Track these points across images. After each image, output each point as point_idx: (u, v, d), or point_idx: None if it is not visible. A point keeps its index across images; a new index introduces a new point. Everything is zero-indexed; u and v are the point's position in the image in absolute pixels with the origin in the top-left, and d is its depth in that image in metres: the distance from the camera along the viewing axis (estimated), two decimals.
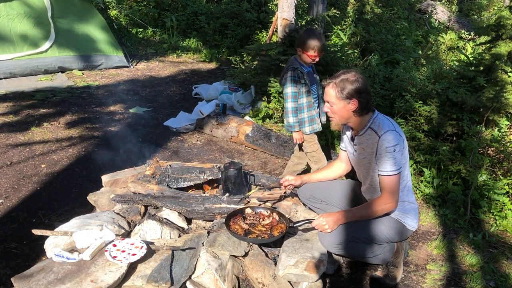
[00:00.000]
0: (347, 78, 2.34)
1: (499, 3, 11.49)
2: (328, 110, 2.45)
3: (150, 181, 2.97)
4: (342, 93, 2.33)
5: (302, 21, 6.00)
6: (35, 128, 4.59)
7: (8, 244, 2.69)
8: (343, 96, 2.34)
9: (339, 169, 2.83)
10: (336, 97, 2.36)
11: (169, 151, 4.29)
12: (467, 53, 7.26)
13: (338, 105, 2.38)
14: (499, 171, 3.62)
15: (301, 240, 2.49)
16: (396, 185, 2.33)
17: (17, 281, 2.02)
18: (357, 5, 8.14)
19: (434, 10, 10.42)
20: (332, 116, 2.46)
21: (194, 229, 2.68)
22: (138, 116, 5.26)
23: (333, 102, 2.39)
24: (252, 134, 4.42)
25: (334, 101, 2.38)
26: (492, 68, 3.96)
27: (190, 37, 9.26)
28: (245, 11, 8.82)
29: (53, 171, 3.70)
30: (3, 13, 5.96)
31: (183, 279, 2.17)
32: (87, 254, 2.15)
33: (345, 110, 2.38)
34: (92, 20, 6.91)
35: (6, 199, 3.22)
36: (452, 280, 2.65)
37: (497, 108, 3.87)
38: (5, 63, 5.97)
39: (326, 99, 2.43)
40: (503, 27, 3.96)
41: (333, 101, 2.38)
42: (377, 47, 7.04)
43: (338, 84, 2.35)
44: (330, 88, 2.38)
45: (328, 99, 2.41)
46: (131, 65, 7.37)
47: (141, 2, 10.08)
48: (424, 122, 4.01)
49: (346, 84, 2.33)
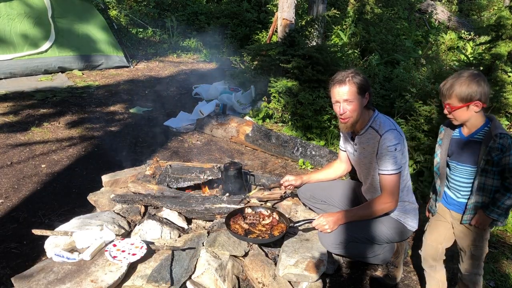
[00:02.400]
0: (357, 73, 2.33)
1: (499, 3, 11.49)
2: (345, 111, 2.32)
3: (150, 181, 2.97)
4: (360, 88, 2.30)
5: (302, 21, 6.00)
6: (35, 128, 4.59)
7: (8, 244, 2.69)
8: (360, 91, 2.30)
9: (339, 169, 2.83)
10: (356, 93, 2.30)
11: (169, 151, 4.29)
12: (467, 53, 7.27)
13: (356, 102, 2.31)
14: None
15: (301, 240, 2.49)
16: (396, 184, 2.33)
17: (17, 281, 2.02)
18: (357, 5, 8.15)
19: (434, 10, 10.43)
20: (350, 116, 2.34)
21: (194, 229, 2.68)
22: (138, 116, 5.26)
23: (353, 98, 2.30)
24: (252, 134, 4.42)
25: (354, 97, 2.30)
26: (492, 68, 3.96)
27: (190, 37, 9.26)
28: (245, 11, 8.83)
29: (53, 171, 3.70)
30: (3, 13, 5.96)
31: (183, 279, 2.17)
32: (87, 254, 2.15)
33: (361, 106, 2.34)
34: (92, 20, 6.92)
35: (6, 199, 3.22)
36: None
37: (497, 108, 3.87)
38: (5, 63, 5.97)
39: (343, 98, 2.31)
40: (503, 27, 3.96)
41: (353, 98, 2.30)
42: (377, 47, 7.05)
43: (353, 79, 2.30)
44: (348, 85, 2.29)
45: (347, 97, 2.30)
46: (131, 65, 7.37)
47: (141, 2, 10.09)
48: (424, 122, 4.01)
49: (360, 79, 2.30)
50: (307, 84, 4.90)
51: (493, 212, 1.94)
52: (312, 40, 5.82)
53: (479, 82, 1.88)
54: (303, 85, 4.87)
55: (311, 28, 5.55)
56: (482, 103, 1.90)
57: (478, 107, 1.91)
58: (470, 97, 1.89)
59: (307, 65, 4.88)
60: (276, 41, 5.89)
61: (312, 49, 5.06)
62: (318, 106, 4.55)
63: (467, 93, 1.89)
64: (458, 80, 1.92)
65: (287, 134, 4.59)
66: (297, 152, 4.16)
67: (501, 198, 1.92)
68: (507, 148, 1.88)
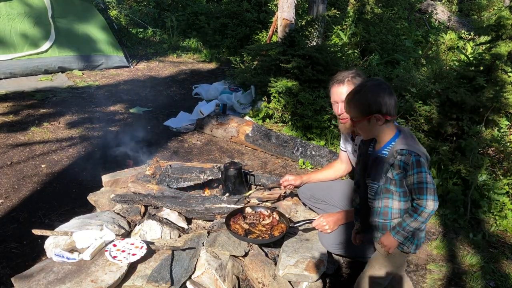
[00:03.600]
0: (358, 74, 2.31)
1: (499, 3, 11.48)
2: (343, 111, 2.26)
3: (150, 181, 2.97)
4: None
5: (302, 21, 6.00)
6: (35, 128, 4.59)
7: (8, 244, 2.69)
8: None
9: (340, 169, 2.83)
10: None
11: (169, 151, 4.29)
12: (467, 53, 7.26)
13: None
14: (499, 171, 3.62)
15: (301, 240, 2.49)
16: None
17: (17, 281, 2.02)
18: (357, 5, 8.15)
19: (434, 10, 10.43)
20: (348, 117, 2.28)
21: (194, 229, 2.68)
22: (138, 116, 5.26)
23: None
24: (252, 134, 4.42)
25: None
26: (492, 68, 3.96)
27: (190, 37, 9.27)
28: (245, 11, 8.82)
29: (53, 171, 3.70)
30: (3, 13, 5.96)
31: (183, 279, 2.17)
32: (87, 254, 2.15)
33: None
34: (92, 20, 6.92)
35: (6, 199, 3.22)
36: (452, 280, 2.64)
37: (497, 108, 3.87)
38: (5, 63, 5.97)
39: (342, 99, 2.24)
40: (503, 27, 3.96)
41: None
42: (377, 47, 7.05)
43: (353, 80, 2.28)
44: (346, 86, 2.27)
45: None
46: (131, 65, 7.37)
47: (141, 2, 10.09)
48: (424, 122, 4.01)
49: (359, 79, 2.28)
50: (307, 84, 4.90)
51: (398, 234, 1.77)
52: (312, 40, 5.82)
53: (379, 93, 1.75)
54: (303, 85, 4.87)
55: (311, 28, 5.55)
56: (384, 115, 1.74)
57: (381, 120, 1.76)
58: (369, 110, 1.75)
59: (307, 65, 4.88)
60: (276, 41, 5.90)
61: (312, 49, 5.06)
62: (318, 106, 4.55)
63: (366, 105, 1.75)
64: (358, 91, 1.79)
65: (287, 134, 4.59)
66: (297, 152, 4.16)
67: (407, 219, 1.73)
68: (410, 167, 1.69)
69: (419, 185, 1.69)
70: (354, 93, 1.82)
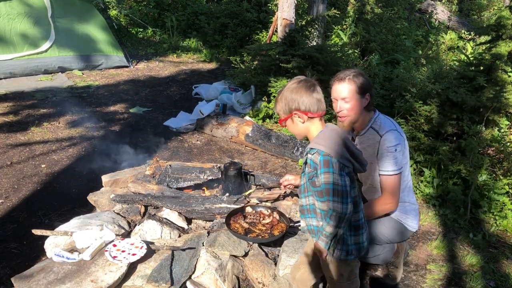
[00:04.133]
0: (360, 73, 2.30)
1: (499, 3, 11.49)
2: (342, 109, 2.30)
3: (150, 181, 2.97)
4: (360, 88, 2.26)
5: (302, 21, 6.00)
6: (35, 128, 4.59)
7: (8, 244, 2.69)
8: (360, 91, 2.27)
9: None
10: (355, 92, 2.26)
11: (169, 151, 4.29)
12: (467, 53, 7.26)
13: (355, 101, 2.27)
14: (499, 171, 3.62)
15: (301, 240, 2.49)
16: (397, 185, 2.32)
17: (17, 281, 2.02)
18: (357, 5, 8.15)
19: (434, 10, 10.43)
20: (347, 115, 2.32)
21: (194, 229, 2.67)
22: (138, 116, 5.26)
23: (351, 97, 2.27)
24: (252, 134, 4.42)
25: (351, 96, 2.26)
26: (492, 68, 3.96)
27: (190, 37, 9.27)
28: (245, 11, 8.83)
29: (53, 171, 3.70)
30: (3, 13, 5.96)
31: (183, 279, 2.17)
32: (87, 254, 2.15)
33: (360, 106, 2.29)
34: (92, 20, 6.92)
35: (6, 199, 3.22)
36: (452, 280, 2.64)
37: (497, 108, 3.87)
38: (5, 63, 5.97)
39: (341, 97, 2.29)
40: (503, 27, 3.96)
41: (351, 97, 2.27)
42: (377, 47, 7.05)
43: (354, 79, 2.27)
44: (347, 84, 2.27)
45: (344, 95, 2.27)
46: (131, 65, 7.37)
47: (141, 2, 10.09)
48: (424, 122, 4.00)
49: (361, 78, 2.27)
50: None
51: (320, 239, 1.71)
52: (312, 40, 5.82)
53: (297, 90, 1.70)
54: None
55: (311, 28, 5.55)
56: (304, 113, 1.69)
57: (302, 118, 1.71)
58: (288, 108, 1.72)
59: (307, 65, 4.88)
60: (276, 41, 5.90)
61: (312, 49, 5.06)
62: None
63: (284, 104, 1.72)
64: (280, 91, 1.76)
65: (287, 134, 4.59)
66: (297, 152, 4.16)
67: (323, 223, 1.68)
68: (318, 166, 1.62)
69: (326, 186, 1.62)
70: (278, 93, 1.81)
